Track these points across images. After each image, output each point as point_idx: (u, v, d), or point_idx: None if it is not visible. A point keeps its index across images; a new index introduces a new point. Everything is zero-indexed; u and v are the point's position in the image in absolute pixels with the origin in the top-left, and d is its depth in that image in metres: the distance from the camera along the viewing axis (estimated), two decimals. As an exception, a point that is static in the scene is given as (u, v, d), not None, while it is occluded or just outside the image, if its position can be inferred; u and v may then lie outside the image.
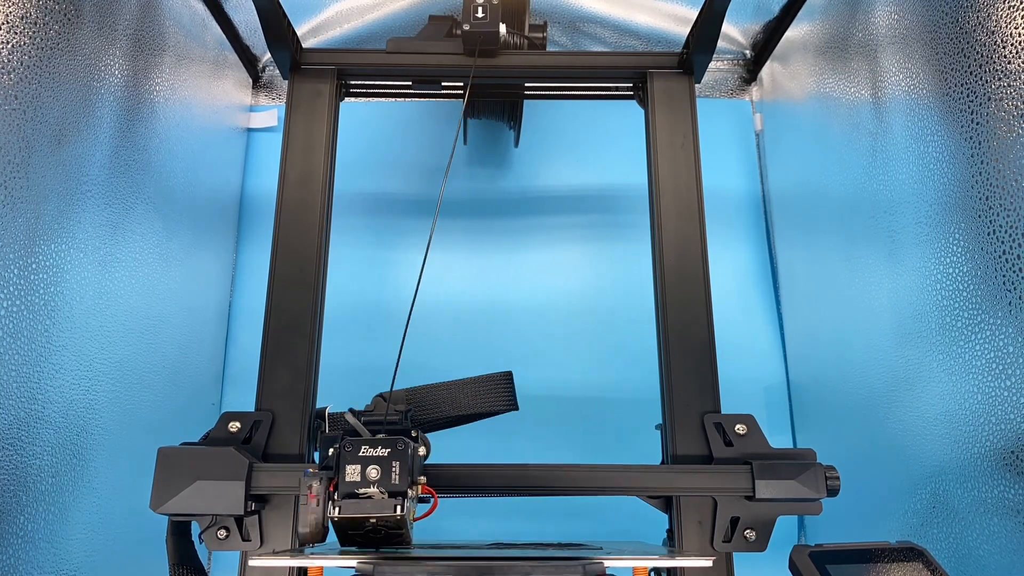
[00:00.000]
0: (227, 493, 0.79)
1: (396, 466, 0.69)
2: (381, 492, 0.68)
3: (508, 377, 0.97)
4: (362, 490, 0.68)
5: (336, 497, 0.68)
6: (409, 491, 0.68)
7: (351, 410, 0.85)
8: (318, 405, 0.95)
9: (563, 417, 1.38)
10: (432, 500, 0.74)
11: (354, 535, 0.70)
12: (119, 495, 1.03)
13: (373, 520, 0.68)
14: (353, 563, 0.66)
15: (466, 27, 1.06)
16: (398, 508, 0.67)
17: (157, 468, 0.79)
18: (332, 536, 0.70)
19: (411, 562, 0.67)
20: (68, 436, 0.92)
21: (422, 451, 0.73)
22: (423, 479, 0.72)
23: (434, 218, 1.17)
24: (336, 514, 0.67)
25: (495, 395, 0.97)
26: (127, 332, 1.06)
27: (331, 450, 0.75)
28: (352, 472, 0.69)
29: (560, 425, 1.37)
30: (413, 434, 0.74)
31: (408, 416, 0.91)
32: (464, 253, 1.50)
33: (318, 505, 0.68)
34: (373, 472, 0.69)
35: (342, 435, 0.76)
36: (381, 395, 0.91)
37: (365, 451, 0.70)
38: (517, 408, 0.97)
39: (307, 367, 0.93)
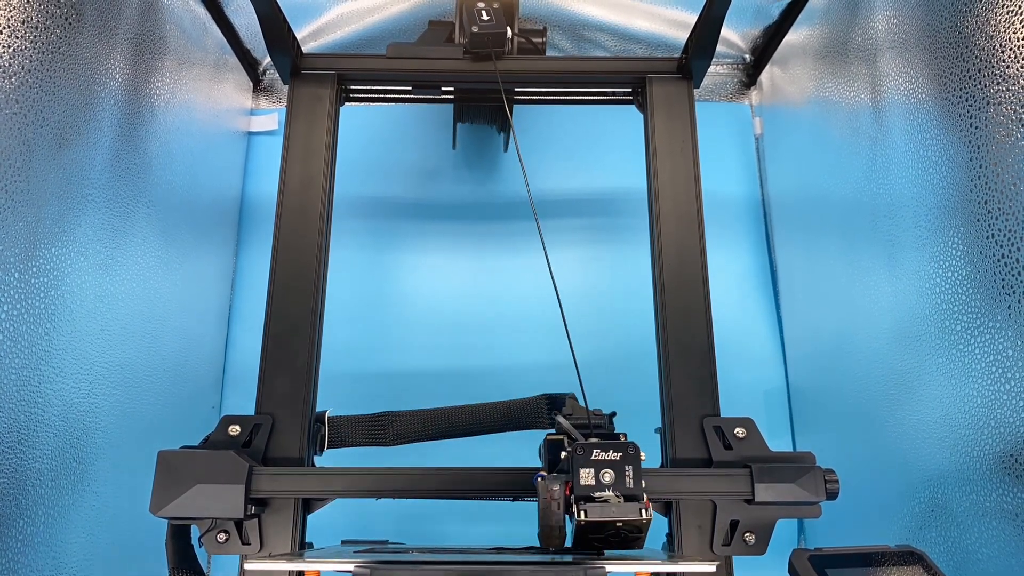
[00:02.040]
0: (227, 497, 0.79)
1: (630, 470, 0.70)
2: (617, 496, 0.68)
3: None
4: (597, 494, 0.68)
5: (572, 501, 0.68)
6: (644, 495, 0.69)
7: (557, 412, 0.85)
8: (318, 409, 0.95)
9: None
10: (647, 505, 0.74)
11: (594, 538, 0.70)
12: (119, 498, 1.03)
13: (619, 524, 0.68)
14: (350, 567, 0.66)
15: (475, 29, 1.06)
16: (643, 512, 0.68)
17: (157, 471, 0.79)
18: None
19: (408, 566, 0.67)
20: (68, 439, 0.92)
21: (643, 455, 0.73)
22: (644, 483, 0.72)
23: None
24: (583, 518, 0.67)
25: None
26: (127, 335, 1.06)
27: (562, 454, 0.75)
28: (587, 476, 0.69)
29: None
30: (622, 438, 0.74)
31: (612, 419, 0.91)
32: (464, 255, 1.50)
33: (559, 509, 0.68)
34: (607, 476, 0.69)
35: (565, 439, 0.76)
36: (573, 395, 0.92)
37: (597, 455, 0.70)
38: None
39: (307, 370, 0.93)
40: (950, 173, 0.88)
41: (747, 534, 0.82)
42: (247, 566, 0.80)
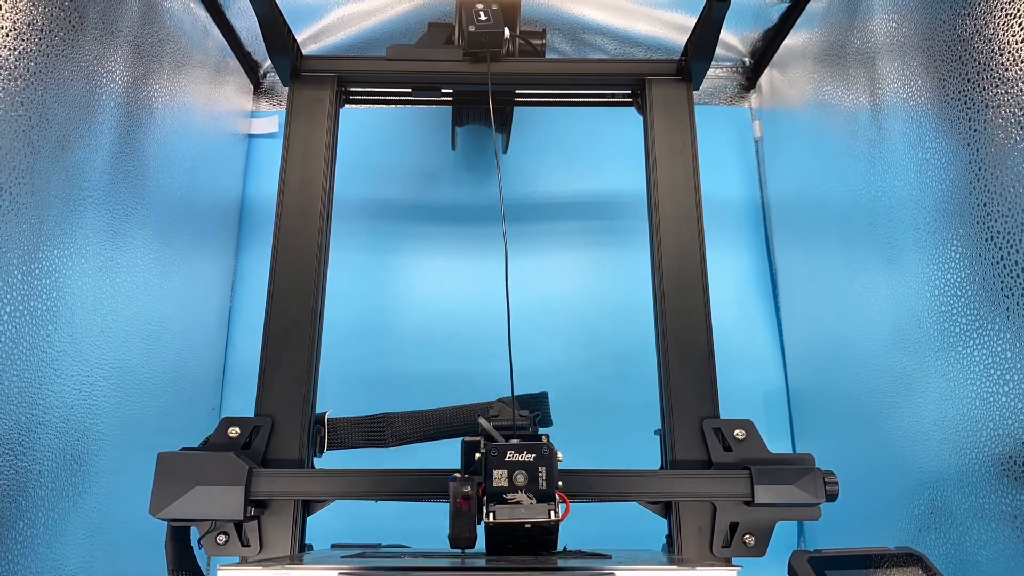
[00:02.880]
0: (226, 498, 0.79)
1: (543, 471, 0.70)
2: (529, 497, 0.68)
3: (545, 396, 1.00)
4: (510, 495, 0.69)
5: (486, 502, 0.68)
6: (556, 496, 0.69)
7: (482, 415, 0.85)
8: (317, 410, 0.95)
9: (561, 422, 1.38)
10: (566, 506, 0.74)
11: (504, 540, 0.70)
12: (119, 500, 1.03)
13: (528, 525, 0.68)
14: (334, 573, 0.65)
15: (472, 28, 1.06)
16: (552, 513, 0.68)
17: (157, 473, 0.79)
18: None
19: (393, 572, 0.67)
20: (68, 441, 0.92)
21: (560, 456, 0.73)
22: (560, 484, 0.72)
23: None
24: (492, 519, 0.68)
25: (540, 412, 0.99)
26: (128, 337, 1.06)
27: (476, 455, 0.75)
28: (500, 477, 0.69)
29: (558, 430, 1.37)
30: (543, 439, 0.74)
31: (536, 420, 0.91)
32: (463, 257, 1.50)
33: (470, 511, 0.68)
34: (520, 477, 0.69)
35: (482, 440, 0.76)
36: (502, 400, 0.91)
37: (511, 456, 0.70)
38: (551, 424, 1.00)
39: (307, 372, 0.93)
40: (949, 176, 0.89)
41: (747, 536, 0.82)
42: (220, 573, 0.79)
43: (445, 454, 1.01)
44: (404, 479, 0.85)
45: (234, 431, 0.87)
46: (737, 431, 0.88)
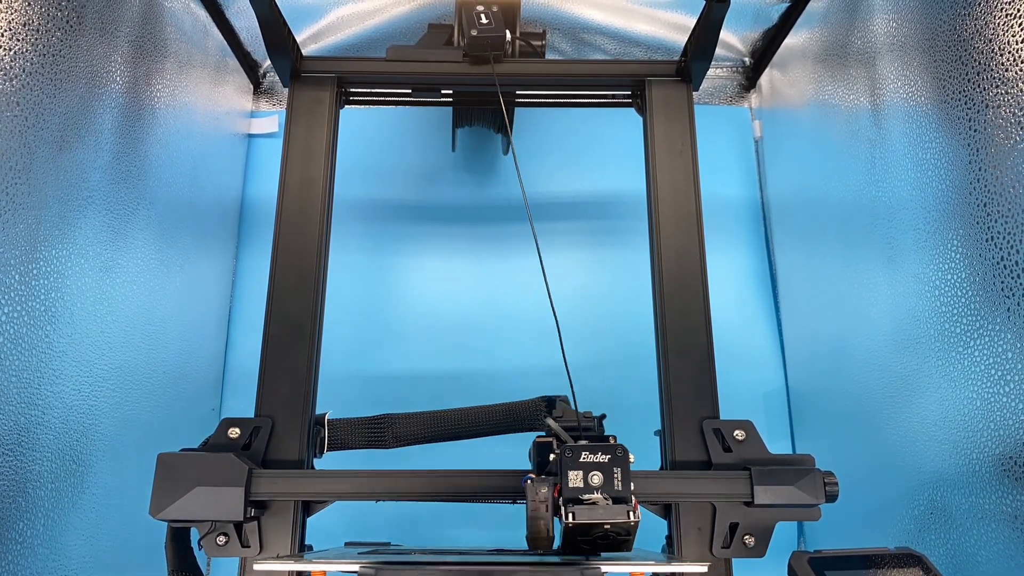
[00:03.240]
0: (226, 499, 0.79)
1: (618, 472, 0.70)
2: (605, 498, 0.68)
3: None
4: (586, 496, 0.68)
5: (561, 503, 0.68)
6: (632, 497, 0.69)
7: (549, 416, 0.84)
8: (317, 411, 0.95)
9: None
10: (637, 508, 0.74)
11: (582, 540, 0.70)
12: (118, 501, 1.03)
13: (607, 526, 0.68)
14: (356, 567, 0.66)
15: (474, 32, 1.06)
16: (631, 514, 0.68)
17: (156, 474, 0.79)
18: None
19: (412, 567, 0.67)
20: (68, 442, 0.92)
21: (632, 458, 0.72)
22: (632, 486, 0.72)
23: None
24: (571, 520, 0.67)
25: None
26: (127, 338, 1.06)
27: (551, 456, 0.74)
28: (575, 478, 0.69)
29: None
30: (612, 440, 0.74)
31: (601, 421, 0.91)
32: (463, 258, 1.50)
33: (547, 511, 0.68)
34: (595, 478, 0.69)
35: (554, 440, 0.75)
36: (563, 399, 0.91)
37: (586, 457, 0.70)
38: None
39: (307, 373, 0.93)
40: (949, 176, 0.89)
41: (747, 536, 0.82)
42: (256, 566, 0.80)
43: (445, 455, 1.02)
44: (404, 480, 0.85)
45: (234, 432, 0.87)
46: (737, 432, 0.88)
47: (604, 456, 0.71)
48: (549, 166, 1.57)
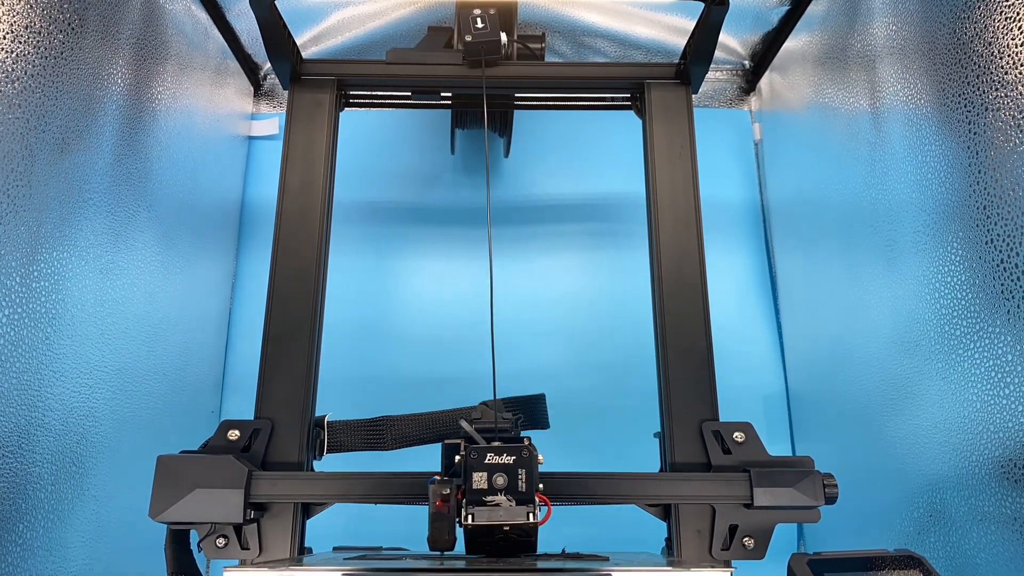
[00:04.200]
0: (226, 501, 0.79)
1: (523, 474, 0.70)
2: (509, 500, 0.68)
3: (543, 398, 1.00)
4: (490, 498, 0.68)
5: (465, 504, 0.68)
6: (536, 498, 0.69)
7: (464, 418, 0.85)
8: (317, 413, 0.95)
9: (561, 425, 1.38)
10: (547, 508, 0.74)
11: (484, 542, 0.70)
12: (118, 503, 1.03)
13: (507, 528, 0.68)
14: (337, 574, 0.65)
15: (468, 38, 1.06)
16: (530, 515, 0.68)
17: (156, 476, 0.79)
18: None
19: (392, 573, 0.67)
20: (68, 443, 0.92)
21: (541, 458, 0.73)
22: (540, 486, 0.72)
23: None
24: (470, 522, 0.67)
25: (537, 414, 1.00)
26: (127, 339, 1.06)
27: (457, 457, 0.74)
28: (479, 479, 0.69)
29: (558, 433, 1.37)
30: (526, 442, 0.74)
31: (518, 423, 0.90)
32: (463, 260, 1.50)
33: (448, 513, 0.68)
34: (500, 479, 0.69)
35: (463, 442, 0.75)
36: (485, 403, 0.91)
37: (491, 458, 0.70)
38: (548, 427, 1.01)
39: (306, 375, 0.93)
40: (949, 178, 0.89)
41: (746, 539, 0.82)
42: (227, 574, 0.79)
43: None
44: (404, 482, 0.85)
45: (234, 434, 0.87)
46: (736, 434, 0.88)
47: (509, 457, 0.71)
48: (549, 168, 1.57)
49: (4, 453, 0.80)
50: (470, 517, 0.68)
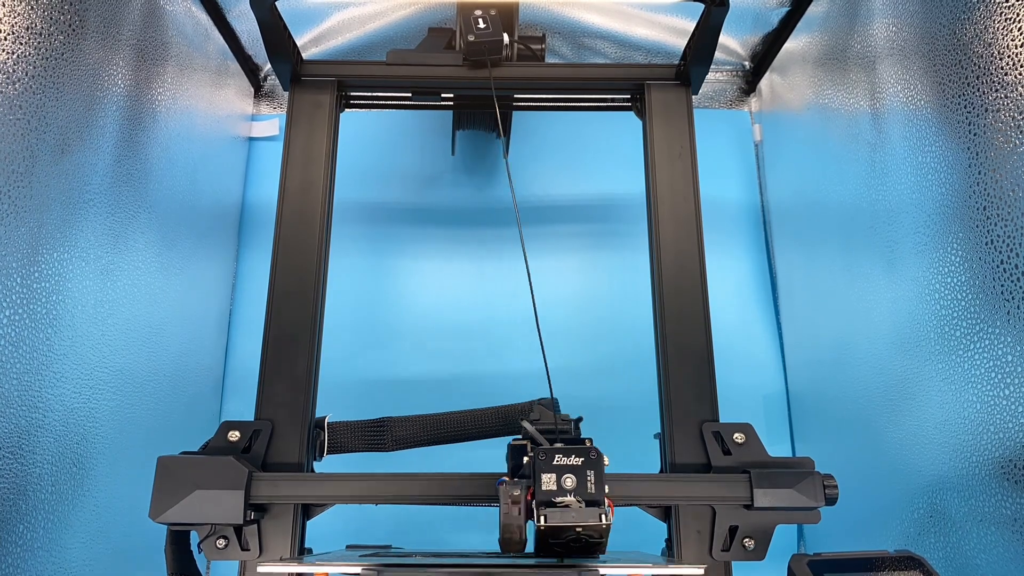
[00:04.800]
0: (226, 502, 0.79)
1: (591, 475, 0.70)
2: (578, 501, 0.68)
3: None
4: (559, 499, 0.68)
5: (534, 506, 0.68)
6: (606, 500, 0.69)
7: (525, 419, 0.84)
8: (317, 414, 0.95)
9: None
10: (610, 510, 0.73)
11: (555, 543, 0.70)
12: (118, 504, 1.03)
13: (579, 529, 0.68)
14: (358, 569, 0.66)
15: (471, 38, 1.06)
16: (603, 517, 0.68)
17: (156, 477, 0.79)
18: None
19: (414, 569, 0.67)
20: (68, 445, 0.92)
21: (606, 460, 0.72)
22: (607, 488, 0.72)
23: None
24: (543, 523, 0.67)
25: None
26: (128, 341, 1.06)
27: (525, 459, 0.74)
28: (548, 481, 0.69)
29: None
30: (588, 443, 0.74)
31: (578, 424, 0.90)
32: (463, 261, 1.50)
33: (519, 514, 0.68)
34: (568, 481, 0.69)
35: (528, 444, 0.75)
36: (540, 402, 0.91)
37: (559, 460, 0.70)
38: None
39: (307, 376, 0.93)
40: (949, 179, 0.89)
41: (746, 540, 0.82)
42: (259, 568, 0.80)
43: (444, 458, 1.02)
44: (404, 483, 0.85)
45: (234, 435, 0.87)
46: (736, 435, 0.88)
47: (577, 459, 0.71)
48: (549, 169, 1.57)
49: (4, 454, 0.80)
50: (543, 518, 0.68)
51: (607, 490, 0.71)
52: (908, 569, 0.69)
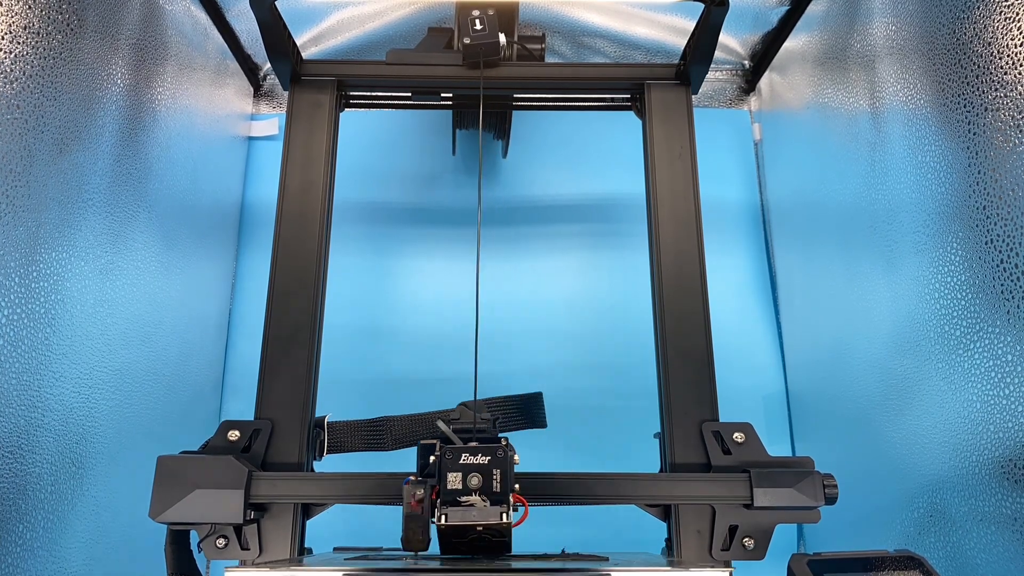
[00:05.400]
0: (226, 502, 0.79)
1: (497, 474, 0.70)
2: (483, 500, 0.68)
3: (540, 397, 0.99)
4: (464, 498, 0.68)
5: (439, 505, 0.68)
6: (510, 498, 0.69)
7: (440, 418, 0.85)
8: (317, 414, 0.95)
9: (561, 426, 1.38)
10: (524, 509, 0.74)
11: (458, 543, 0.70)
12: (118, 503, 1.03)
13: (480, 528, 0.68)
14: (338, 574, 0.66)
15: (467, 40, 1.06)
16: (504, 515, 0.68)
17: (156, 476, 0.79)
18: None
19: (393, 573, 0.67)
20: (68, 444, 0.92)
21: (516, 459, 0.73)
22: (516, 487, 0.72)
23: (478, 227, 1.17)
24: (443, 522, 0.67)
25: (534, 413, 0.98)
26: (127, 340, 1.06)
27: (431, 457, 0.74)
28: (454, 480, 0.69)
29: (558, 434, 1.37)
30: (503, 442, 0.74)
31: (495, 424, 0.90)
32: (463, 261, 1.50)
33: (422, 513, 0.68)
34: (474, 480, 0.69)
35: (439, 443, 0.75)
36: (464, 404, 0.91)
37: (465, 458, 0.70)
38: (546, 426, 1.00)
39: (307, 376, 0.93)
40: (949, 179, 0.89)
41: (746, 539, 0.82)
42: (228, 575, 0.79)
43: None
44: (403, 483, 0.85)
45: (234, 434, 0.87)
46: (736, 434, 0.88)
47: (484, 458, 0.71)
48: (548, 169, 1.57)
49: (4, 454, 0.80)
50: (443, 517, 0.68)
51: (516, 488, 0.71)
52: (908, 569, 0.69)
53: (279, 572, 0.71)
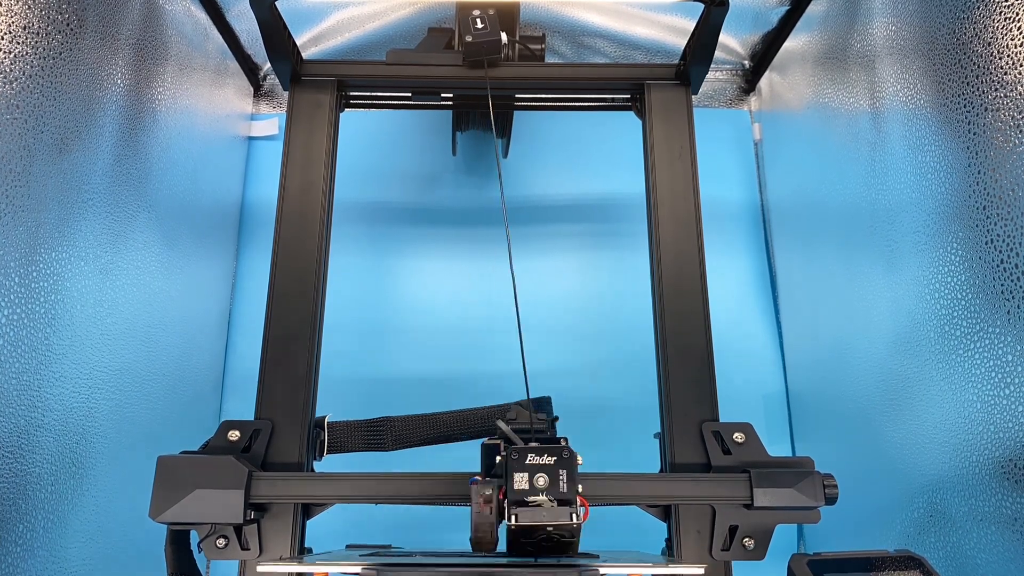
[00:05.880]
0: (226, 502, 0.79)
1: (563, 474, 0.70)
2: (550, 500, 0.68)
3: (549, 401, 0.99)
4: (531, 498, 0.69)
5: (506, 505, 0.68)
6: (577, 499, 0.69)
7: (500, 418, 0.85)
8: (317, 414, 0.95)
9: (561, 426, 1.38)
10: (585, 510, 0.73)
11: (526, 543, 0.70)
12: (118, 503, 1.03)
13: (550, 528, 0.68)
14: (357, 568, 0.66)
15: (468, 39, 1.06)
16: (574, 516, 0.68)
17: (156, 476, 0.79)
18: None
19: (414, 568, 0.67)
20: (68, 444, 0.92)
21: (579, 459, 0.73)
22: (580, 487, 0.72)
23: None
24: (514, 522, 0.67)
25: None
26: (127, 340, 1.06)
27: (498, 458, 0.75)
28: (520, 480, 0.69)
29: (558, 434, 1.37)
30: (563, 442, 0.74)
31: (554, 424, 0.90)
32: (463, 261, 1.50)
33: (491, 513, 0.68)
34: (541, 480, 0.70)
35: (502, 443, 0.75)
36: (519, 403, 0.91)
37: (532, 459, 0.70)
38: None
39: (307, 376, 0.93)
40: (949, 179, 0.89)
41: (746, 539, 0.82)
42: (259, 568, 0.80)
43: (445, 458, 1.02)
44: (403, 483, 0.85)
45: (234, 434, 0.87)
46: (736, 434, 0.88)
47: (550, 458, 0.71)
48: (549, 169, 1.57)
49: (4, 453, 0.80)
50: (514, 517, 0.68)
51: (580, 489, 0.71)
52: (908, 569, 0.69)
53: (305, 566, 0.72)
